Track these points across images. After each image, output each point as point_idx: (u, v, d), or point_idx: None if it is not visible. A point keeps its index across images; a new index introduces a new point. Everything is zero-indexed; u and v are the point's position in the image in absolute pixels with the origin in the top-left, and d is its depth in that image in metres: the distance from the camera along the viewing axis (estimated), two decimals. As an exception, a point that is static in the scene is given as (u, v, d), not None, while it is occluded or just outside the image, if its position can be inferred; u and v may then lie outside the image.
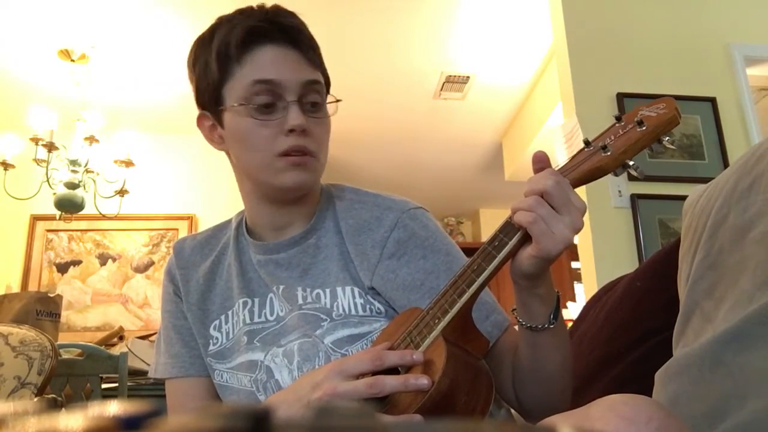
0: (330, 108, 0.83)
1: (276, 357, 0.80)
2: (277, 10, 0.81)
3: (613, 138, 0.63)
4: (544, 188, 0.61)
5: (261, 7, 0.80)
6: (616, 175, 0.65)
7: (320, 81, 0.81)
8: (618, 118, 0.64)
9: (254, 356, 0.82)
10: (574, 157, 0.66)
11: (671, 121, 0.62)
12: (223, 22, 0.81)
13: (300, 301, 0.81)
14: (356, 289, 0.79)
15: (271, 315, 0.83)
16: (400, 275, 0.78)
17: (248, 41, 0.77)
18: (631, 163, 0.64)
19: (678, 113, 0.62)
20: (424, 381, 0.59)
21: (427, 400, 0.59)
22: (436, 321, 0.64)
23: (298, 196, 0.82)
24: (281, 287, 0.83)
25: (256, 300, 0.85)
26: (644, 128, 0.62)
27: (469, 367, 0.64)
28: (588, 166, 0.64)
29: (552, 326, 0.67)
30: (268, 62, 0.77)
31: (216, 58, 0.78)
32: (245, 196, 0.86)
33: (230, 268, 0.88)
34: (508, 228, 0.64)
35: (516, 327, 0.74)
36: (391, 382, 0.60)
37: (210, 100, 0.81)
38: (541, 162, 0.66)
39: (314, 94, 0.79)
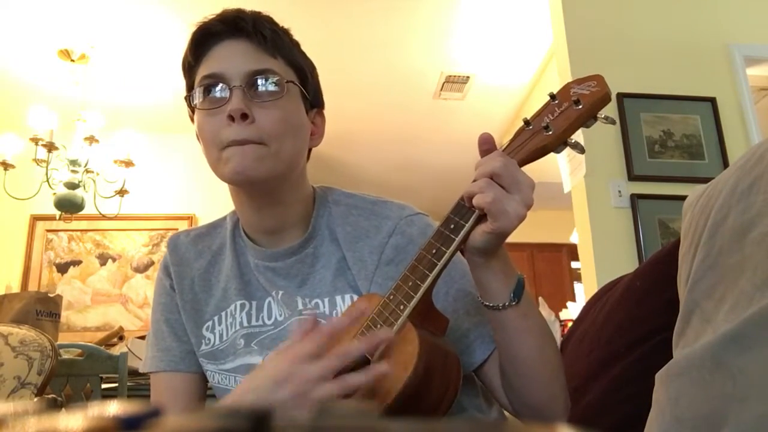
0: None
1: None
2: (229, 9, 0.79)
3: (551, 117, 0.66)
4: (493, 170, 0.62)
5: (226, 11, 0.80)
6: (558, 152, 0.68)
7: (270, 69, 0.76)
8: (552, 97, 0.66)
9: (252, 360, 0.81)
10: (516, 136, 0.68)
11: (604, 99, 0.64)
12: None
13: (300, 307, 0.81)
14: (355, 297, 0.79)
15: (269, 319, 0.82)
16: None
17: (200, 43, 0.78)
18: (572, 140, 0.66)
19: (609, 90, 0.65)
20: (383, 366, 0.59)
21: (407, 385, 0.60)
22: (402, 307, 0.65)
23: (261, 190, 0.79)
24: (280, 293, 0.83)
25: (254, 303, 0.84)
26: (581, 107, 0.64)
27: (439, 348, 0.66)
28: (533, 146, 0.66)
29: (514, 304, 0.67)
30: (216, 57, 0.77)
31: (182, 68, 0.81)
32: (231, 196, 0.86)
33: (228, 269, 0.87)
34: (463, 210, 0.66)
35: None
36: (356, 379, 0.58)
37: (188, 107, 0.82)
38: (487, 143, 0.68)
39: (263, 80, 0.76)
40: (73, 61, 3.39)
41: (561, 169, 2.71)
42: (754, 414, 0.49)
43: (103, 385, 2.00)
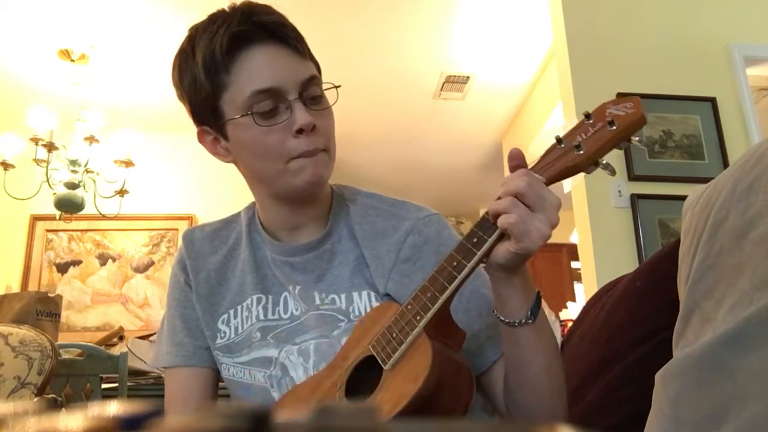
0: (331, 96, 0.81)
1: (291, 354, 0.81)
2: (252, 7, 0.77)
3: (584, 136, 0.65)
4: (517, 189, 0.62)
5: (233, 8, 0.77)
6: (588, 172, 0.67)
7: (316, 74, 0.79)
8: (587, 116, 0.65)
9: (268, 353, 0.82)
10: (547, 153, 0.67)
11: (639, 121, 0.63)
12: (199, 32, 0.78)
13: (317, 302, 0.81)
14: (372, 293, 0.80)
15: (285, 313, 0.83)
16: (414, 280, 0.77)
17: (233, 48, 0.75)
18: (603, 161, 0.65)
19: (644, 113, 0.63)
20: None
21: (416, 397, 0.59)
22: (418, 318, 0.65)
23: (314, 193, 0.82)
24: (297, 287, 0.83)
25: (270, 297, 0.85)
26: (615, 128, 0.63)
27: (452, 361, 0.66)
28: (562, 165, 0.65)
29: (530, 322, 0.67)
30: (262, 68, 0.74)
31: (204, 71, 0.76)
32: (258, 198, 0.86)
33: (244, 263, 0.88)
34: (486, 225, 0.65)
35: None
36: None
37: (208, 115, 0.79)
38: (516, 159, 0.67)
39: (314, 87, 0.78)
40: (73, 61, 3.39)
41: (561, 169, 2.71)
42: (754, 413, 0.49)
43: (103, 385, 2.00)
